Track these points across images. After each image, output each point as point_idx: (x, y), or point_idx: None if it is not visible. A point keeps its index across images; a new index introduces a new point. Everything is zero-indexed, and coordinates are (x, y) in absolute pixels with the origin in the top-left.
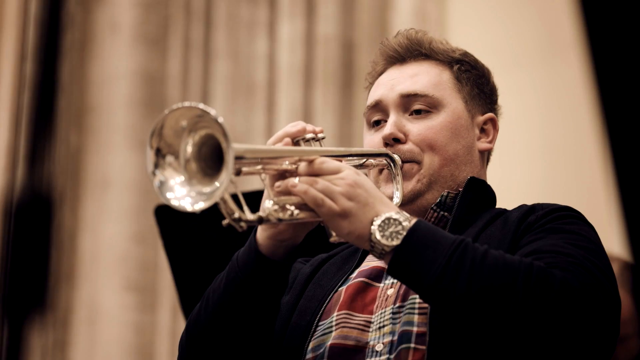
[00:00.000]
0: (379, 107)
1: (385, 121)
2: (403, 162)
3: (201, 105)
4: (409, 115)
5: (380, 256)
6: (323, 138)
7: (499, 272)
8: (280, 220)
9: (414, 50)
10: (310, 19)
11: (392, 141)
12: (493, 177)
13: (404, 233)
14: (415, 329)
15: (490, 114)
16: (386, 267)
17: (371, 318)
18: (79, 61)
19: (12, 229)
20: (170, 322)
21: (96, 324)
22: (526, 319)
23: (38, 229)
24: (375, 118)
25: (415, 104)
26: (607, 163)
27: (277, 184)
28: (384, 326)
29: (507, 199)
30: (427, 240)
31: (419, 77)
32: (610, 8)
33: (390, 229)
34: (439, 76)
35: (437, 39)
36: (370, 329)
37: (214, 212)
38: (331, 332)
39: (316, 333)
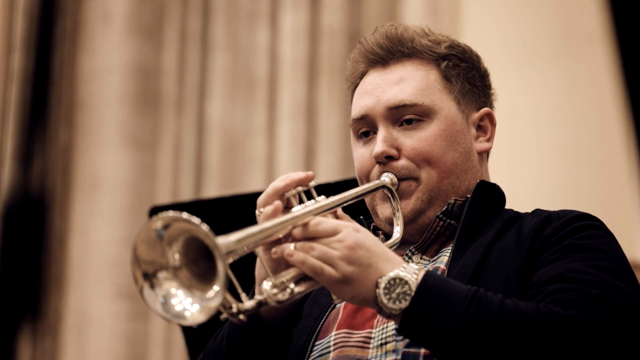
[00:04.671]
0: (365, 120)
1: (374, 132)
2: (399, 180)
3: (170, 213)
4: (399, 126)
5: (389, 317)
6: (315, 186)
7: (518, 326)
8: (280, 302)
9: (396, 52)
10: (315, 9)
11: (385, 159)
12: (501, 177)
13: (412, 293)
14: (422, 350)
15: (485, 109)
16: (397, 326)
17: (371, 333)
18: (69, 53)
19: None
20: (163, 332)
21: (86, 333)
22: None
23: (28, 232)
24: (363, 130)
25: (405, 115)
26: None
27: (274, 250)
28: (386, 343)
29: (516, 201)
30: (437, 298)
31: (404, 83)
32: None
33: (397, 291)
34: (425, 79)
35: (419, 30)
36: (371, 345)
37: (211, 216)
38: (329, 352)
39: (313, 353)
